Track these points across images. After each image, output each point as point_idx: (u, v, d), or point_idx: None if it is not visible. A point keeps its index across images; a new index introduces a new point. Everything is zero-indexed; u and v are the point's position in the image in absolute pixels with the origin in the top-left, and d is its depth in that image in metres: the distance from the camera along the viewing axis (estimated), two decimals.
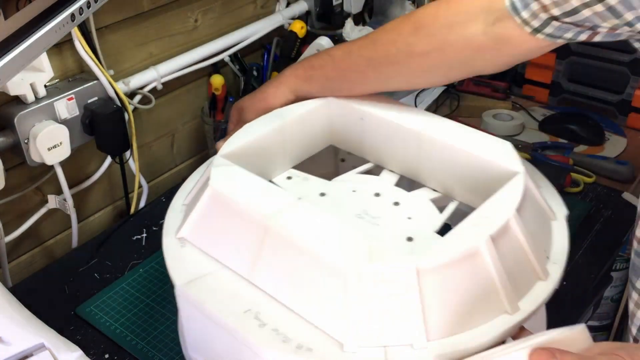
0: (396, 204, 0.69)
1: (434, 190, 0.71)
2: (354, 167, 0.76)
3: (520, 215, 0.58)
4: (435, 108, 1.14)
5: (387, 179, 0.74)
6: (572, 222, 0.64)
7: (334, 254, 0.53)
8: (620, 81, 1.07)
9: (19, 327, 0.55)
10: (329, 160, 0.84)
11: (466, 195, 0.69)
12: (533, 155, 1.00)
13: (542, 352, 0.43)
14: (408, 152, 0.72)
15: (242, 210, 0.59)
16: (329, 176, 0.74)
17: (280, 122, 0.72)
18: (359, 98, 0.76)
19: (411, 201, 0.70)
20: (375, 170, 0.76)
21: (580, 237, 0.83)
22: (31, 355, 0.53)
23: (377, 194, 0.71)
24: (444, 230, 0.59)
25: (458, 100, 1.14)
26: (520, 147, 1.03)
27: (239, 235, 0.59)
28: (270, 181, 0.73)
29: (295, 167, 0.76)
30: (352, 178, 0.74)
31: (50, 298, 0.76)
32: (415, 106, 1.10)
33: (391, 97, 1.12)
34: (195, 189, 0.68)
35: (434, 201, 0.70)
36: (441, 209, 0.68)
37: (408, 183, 0.74)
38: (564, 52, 1.10)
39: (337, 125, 0.78)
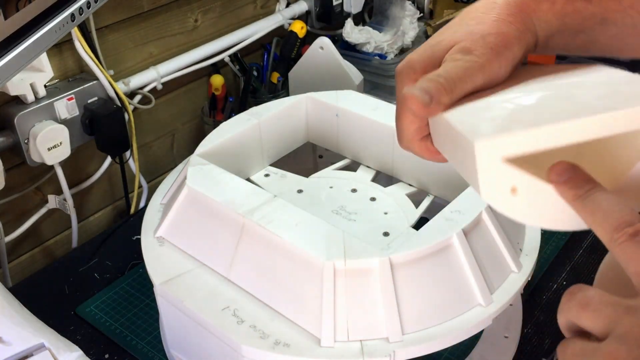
0: (372, 199, 0.71)
1: (410, 185, 0.73)
2: (332, 164, 0.78)
3: (493, 209, 0.59)
4: None
5: (364, 174, 0.75)
6: None
7: (309, 250, 0.54)
8: None
9: (19, 327, 0.55)
10: (307, 157, 0.85)
11: (441, 189, 0.70)
12: None
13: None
14: (383, 147, 0.73)
15: (219, 208, 0.60)
16: (307, 172, 0.76)
17: (256, 120, 0.73)
18: (333, 94, 0.77)
19: (387, 196, 0.71)
20: (353, 166, 0.77)
21: (580, 237, 0.83)
22: (31, 355, 0.53)
23: (354, 190, 0.72)
24: (421, 224, 0.60)
25: None
26: None
27: (216, 234, 0.60)
28: (248, 179, 0.74)
29: (274, 165, 0.77)
30: (329, 174, 0.76)
31: (50, 298, 0.76)
32: None
33: (392, 96, 1.13)
34: (173, 188, 0.69)
35: (410, 196, 0.71)
36: (417, 204, 0.70)
37: (385, 178, 0.75)
38: None
39: (313, 122, 0.79)
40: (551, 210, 0.34)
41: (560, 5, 0.41)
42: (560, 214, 0.34)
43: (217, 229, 0.60)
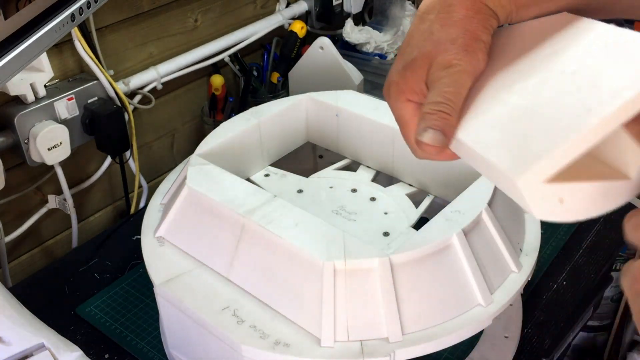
0: (372, 199, 0.71)
1: (410, 185, 0.73)
2: (332, 164, 0.78)
3: (492, 209, 0.59)
4: None
5: (364, 174, 0.75)
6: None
7: (309, 250, 0.54)
8: None
9: (19, 327, 0.55)
10: (308, 157, 0.85)
11: (441, 189, 0.70)
12: None
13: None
14: (383, 147, 0.73)
15: (219, 208, 0.60)
16: (307, 172, 0.76)
17: (256, 120, 0.73)
18: (333, 94, 0.77)
19: (387, 196, 0.71)
20: (353, 166, 0.77)
21: (580, 237, 0.83)
22: (31, 355, 0.53)
23: (354, 190, 0.72)
24: (421, 224, 0.60)
25: None
26: None
27: (216, 234, 0.60)
28: (248, 179, 0.74)
29: (274, 165, 0.77)
30: (329, 174, 0.76)
31: (50, 298, 0.76)
32: None
33: None
34: (173, 189, 0.69)
35: (410, 196, 0.71)
36: (417, 204, 0.70)
37: (385, 178, 0.75)
38: None
39: (313, 122, 0.79)
40: (593, 200, 0.36)
41: None
42: (601, 200, 0.36)
43: (217, 229, 0.60)
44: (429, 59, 0.42)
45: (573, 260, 0.79)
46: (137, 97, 0.95)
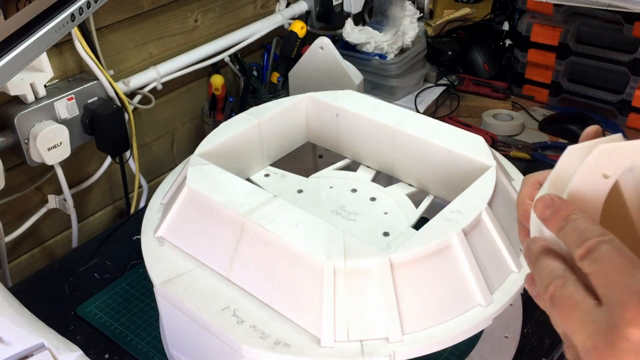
0: (372, 199, 0.70)
1: (410, 185, 0.73)
2: (332, 164, 0.78)
3: (492, 209, 0.59)
4: (435, 108, 1.14)
5: (364, 174, 0.75)
6: None
7: (309, 250, 0.54)
8: (620, 81, 1.07)
9: (19, 327, 0.55)
10: (308, 157, 0.85)
11: (441, 189, 0.70)
12: (533, 155, 1.00)
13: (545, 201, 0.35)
14: (383, 147, 0.73)
15: (219, 208, 0.60)
16: (307, 173, 0.76)
17: (256, 120, 0.73)
18: (333, 94, 0.77)
19: (387, 196, 0.71)
20: (353, 166, 0.77)
21: None
22: (31, 355, 0.53)
23: (354, 190, 0.72)
24: (421, 224, 0.60)
25: (458, 100, 1.14)
26: (520, 147, 1.02)
27: (216, 234, 0.60)
28: (248, 179, 0.74)
29: (274, 165, 0.77)
30: (329, 174, 0.76)
31: (50, 298, 0.76)
32: (415, 106, 1.11)
33: (391, 96, 1.13)
34: (173, 189, 0.69)
35: (410, 196, 0.71)
36: (417, 204, 0.70)
37: (385, 178, 0.75)
38: (564, 52, 1.10)
39: (313, 122, 0.79)
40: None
41: None
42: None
43: (217, 229, 0.60)
44: None
45: None
46: (137, 97, 0.95)
